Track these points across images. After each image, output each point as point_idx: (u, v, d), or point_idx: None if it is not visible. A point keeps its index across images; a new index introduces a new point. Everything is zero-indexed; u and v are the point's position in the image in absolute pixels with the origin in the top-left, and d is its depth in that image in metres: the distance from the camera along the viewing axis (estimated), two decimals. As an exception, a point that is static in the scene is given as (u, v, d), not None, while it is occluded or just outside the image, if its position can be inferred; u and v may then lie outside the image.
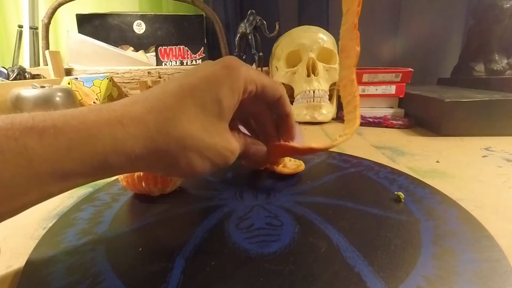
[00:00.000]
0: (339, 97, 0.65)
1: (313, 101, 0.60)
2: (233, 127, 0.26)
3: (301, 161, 0.32)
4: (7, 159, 0.13)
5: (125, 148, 0.16)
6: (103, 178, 0.17)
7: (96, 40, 0.81)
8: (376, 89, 0.60)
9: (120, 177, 0.26)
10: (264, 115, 0.27)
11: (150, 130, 0.17)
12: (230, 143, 0.21)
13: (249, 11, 0.70)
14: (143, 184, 0.25)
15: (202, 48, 0.87)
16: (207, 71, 0.19)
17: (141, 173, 0.25)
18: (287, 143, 0.26)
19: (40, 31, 0.82)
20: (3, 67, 0.68)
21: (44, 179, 0.14)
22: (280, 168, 0.31)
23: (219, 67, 0.20)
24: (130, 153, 0.16)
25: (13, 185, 0.13)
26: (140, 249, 0.19)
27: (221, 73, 0.19)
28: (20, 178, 0.13)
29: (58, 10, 0.83)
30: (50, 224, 0.22)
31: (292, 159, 0.33)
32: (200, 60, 0.86)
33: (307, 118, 0.59)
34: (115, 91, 0.68)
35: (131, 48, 0.93)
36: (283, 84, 0.64)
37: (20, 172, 0.13)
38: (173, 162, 0.18)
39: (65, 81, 0.62)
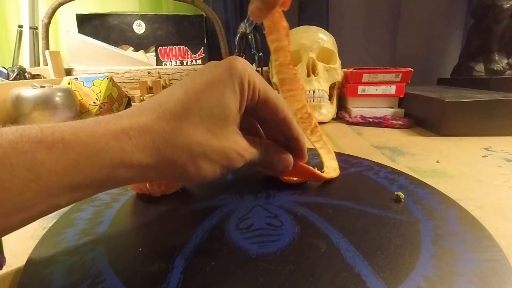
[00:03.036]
0: (339, 97, 0.65)
1: (313, 101, 0.60)
2: (255, 133, 0.25)
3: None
4: (16, 173, 0.13)
5: (133, 160, 0.16)
6: (113, 188, 0.17)
7: (96, 40, 0.81)
8: (376, 89, 0.60)
9: None
10: (273, 131, 0.26)
11: (157, 141, 0.17)
12: (239, 145, 0.21)
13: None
14: (147, 185, 0.25)
15: (202, 48, 0.87)
16: (211, 74, 0.19)
17: None
18: (309, 167, 0.27)
19: (40, 31, 0.82)
20: (3, 67, 0.68)
21: (53, 192, 0.14)
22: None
23: (222, 70, 0.20)
24: (138, 165, 0.16)
25: (22, 199, 0.13)
26: (140, 249, 0.19)
27: (225, 75, 0.19)
28: (29, 192, 0.13)
29: (58, 10, 0.83)
30: (50, 224, 0.22)
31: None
32: (200, 60, 0.86)
33: (307, 118, 0.59)
34: (115, 91, 0.67)
35: (131, 48, 0.93)
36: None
37: (29, 186, 0.13)
38: (182, 170, 0.18)
39: (65, 81, 0.62)
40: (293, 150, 0.26)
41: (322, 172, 0.29)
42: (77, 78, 0.63)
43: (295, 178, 0.29)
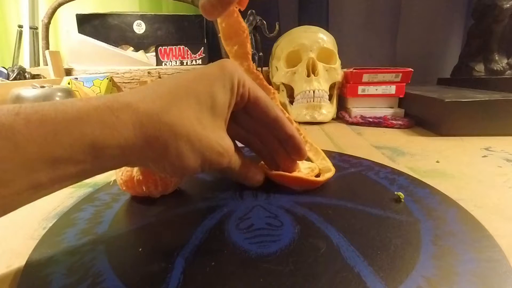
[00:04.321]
0: (339, 97, 0.65)
1: (313, 101, 0.60)
2: (236, 145, 0.25)
3: (315, 165, 0.30)
4: None
5: (114, 133, 0.16)
6: (95, 170, 0.17)
7: (96, 40, 0.81)
8: (376, 89, 0.60)
9: (119, 181, 0.26)
10: (267, 135, 0.26)
11: (141, 117, 0.17)
12: (224, 141, 0.21)
13: (249, 11, 0.70)
14: (144, 188, 0.25)
15: (202, 48, 0.87)
16: (202, 70, 0.21)
17: (141, 177, 0.24)
18: (301, 176, 0.26)
19: (40, 31, 0.82)
20: (3, 67, 0.68)
21: (32, 165, 0.14)
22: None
23: (213, 67, 0.21)
24: (119, 138, 0.16)
25: (0, 170, 0.13)
26: (140, 249, 0.19)
27: (215, 72, 0.20)
28: (7, 163, 0.13)
29: (58, 10, 0.83)
30: (50, 224, 0.22)
31: (305, 162, 0.30)
32: (200, 60, 0.86)
33: (307, 118, 0.59)
34: (115, 91, 0.68)
35: (131, 48, 0.93)
36: (283, 84, 0.64)
37: (6, 156, 0.13)
38: (163, 152, 0.18)
39: (65, 81, 0.62)
40: (291, 149, 0.26)
41: (318, 176, 0.28)
42: (77, 78, 0.63)
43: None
